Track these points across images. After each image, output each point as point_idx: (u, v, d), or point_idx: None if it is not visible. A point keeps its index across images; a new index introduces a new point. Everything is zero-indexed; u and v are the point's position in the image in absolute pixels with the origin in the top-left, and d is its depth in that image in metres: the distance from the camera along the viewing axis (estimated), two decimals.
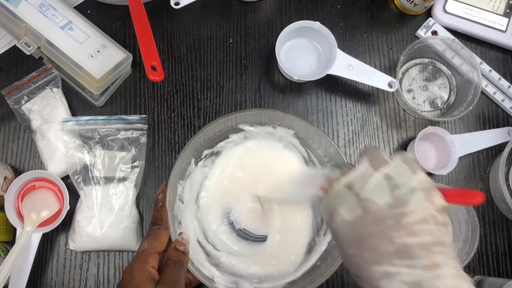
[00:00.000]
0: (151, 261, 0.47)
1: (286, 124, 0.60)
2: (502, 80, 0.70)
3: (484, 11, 0.71)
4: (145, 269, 0.46)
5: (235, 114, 0.58)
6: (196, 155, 0.60)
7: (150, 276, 0.45)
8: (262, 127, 0.61)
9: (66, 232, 0.63)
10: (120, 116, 0.65)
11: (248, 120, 0.60)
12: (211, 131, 0.58)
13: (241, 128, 0.61)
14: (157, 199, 0.54)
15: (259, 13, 0.72)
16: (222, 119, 0.57)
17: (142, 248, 0.49)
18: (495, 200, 0.68)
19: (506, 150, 0.63)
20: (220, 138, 0.61)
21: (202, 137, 0.58)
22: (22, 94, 0.65)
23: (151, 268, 0.46)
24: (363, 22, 0.72)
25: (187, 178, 0.60)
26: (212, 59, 0.70)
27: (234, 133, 0.62)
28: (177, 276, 0.47)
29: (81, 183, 0.62)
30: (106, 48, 0.64)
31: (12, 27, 0.64)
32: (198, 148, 0.59)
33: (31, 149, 0.66)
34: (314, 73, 0.67)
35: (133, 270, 0.46)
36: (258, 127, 0.61)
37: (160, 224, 0.51)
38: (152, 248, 0.48)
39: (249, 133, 0.62)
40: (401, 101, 0.68)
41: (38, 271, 0.63)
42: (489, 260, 0.66)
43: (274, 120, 0.60)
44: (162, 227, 0.51)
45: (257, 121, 0.61)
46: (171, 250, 0.49)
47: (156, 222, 0.52)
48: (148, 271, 0.46)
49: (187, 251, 0.50)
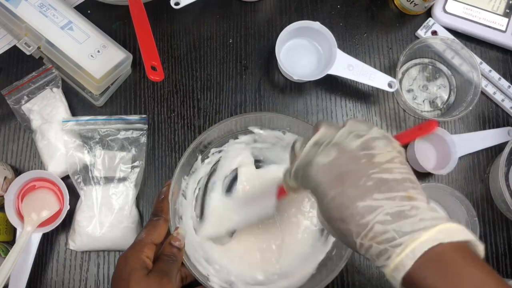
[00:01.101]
0: (147, 251, 0.47)
1: (296, 131, 0.60)
2: (502, 80, 0.70)
3: (484, 11, 0.71)
4: (139, 258, 0.46)
5: (247, 115, 0.58)
6: (203, 153, 0.60)
7: (144, 264, 0.46)
8: (272, 131, 0.61)
9: (66, 232, 0.63)
10: (120, 116, 0.65)
11: (259, 122, 0.60)
12: (221, 129, 0.58)
13: (251, 130, 0.61)
14: (160, 192, 0.54)
15: (259, 13, 0.72)
16: (233, 119, 0.57)
17: (139, 238, 0.49)
18: (495, 200, 0.68)
19: (506, 150, 0.63)
20: (228, 137, 0.61)
21: (212, 134, 0.58)
22: (22, 94, 0.65)
23: (145, 258, 0.47)
24: (363, 22, 0.72)
25: (192, 174, 0.60)
26: (212, 59, 0.70)
27: (243, 134, 0.61)
28: (169, 268, 0.48)
29: (81, 183, 0.62)
30: (106, 48, 0.64)
31: (12, 27, 0.64)
32: (206, 145, 0.59)
33: (31, 149, 0.66)
34: (314, 73, 0.67)
35: (127, 258, 0.46)
36: (268, 130, 0.61)
37: (160, 216, 0.52)
38: (149, 239, 0.49)
39: (258, 136, 0.62)
40: (401, 101, 0.68)
41: (38, 271, 0.63)
42: (489, 260, 0.66)
43: (285, 126, 0.60)
44: (162, 218, 0.51)
45: (268, 124, 0.60)
46: (166, 245, 0.50)
47: (156, 213, 0.52)
48: (143, 259, 0.46)
49: (182, 246, 0.50)
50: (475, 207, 0.65)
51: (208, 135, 0.57)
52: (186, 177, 0.59)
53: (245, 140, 0.62)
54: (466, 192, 0.68)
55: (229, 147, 0.62)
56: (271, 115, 0.60)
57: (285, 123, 0.59)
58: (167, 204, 0.52)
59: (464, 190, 0.68)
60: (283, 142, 0.62)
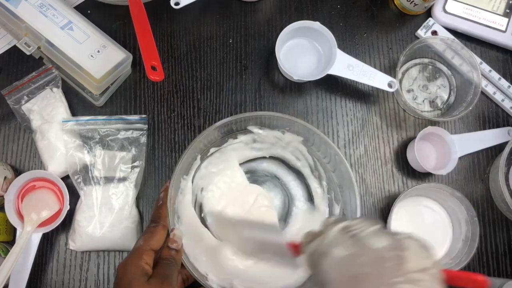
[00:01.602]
0: (146, 258, 0.47)
1: (295, 131, 0.60)
2: (502, 80, 0.70)
3: (484, 11, 0.71)
4: (139, 265, 0.46)
5: (247, 114, 0.58)
6: (202, 152, 0.60)
7: (143, 271, 0.46)
8: (271, 130, 0.61)
9: (66, 232, 0.63)
10: (120, 116, 0.65)
11: (258, 122, 0.60)
12: (220, 129, 0.58)
13: (250, 130, 0.61)
14: (158, 198, 0.54)
15: (259, 13, 0.72)
16: (233, 118, 0.56)
17: (137, 245, 0.49)
18: (495, 200, 0.68)
19: (506, 150, 0.63)
20: (228, 137, 0.61)
21: (212, 134, 0.58)
22: (22, 94, 0.65)
23: (145, 264, 0.46)
24: (363, 22, 0.72)
25: (191, 173, 0.60)
26: (212, 59, 0.70)
27: (242, 134, 0.61)
28: (169, 271, 0.47)
29: (81, 183, 0.62)
30: (106, 48, 0.64)
31: (12, 27, 0.64)
32: (205, 145, 0.59)
33: (31, 149, 0.66)
34: (314, 73, 0.67)
35: (127, 265, 0.46)
36: (267, 130, 0.61)
37: (158, 222, 0.51)
38: (147, 245, 0.48)
39: (257, 136, 0.62)
40: (401, 101, 0.68)
41: (38, 271, 0.63)
42: (489, 260, 0.66)
43: (284, 125, 0.60)
44: (160, 225, 0.51)
45: (267, 124, 0.60)
46: (164, 249, 0.49)
47: (154, 219, 0.52)
48: (142, 266, 0.46)
49: (179, 247, 0.50)
50: (475, 207, 0.65)
51: (207, 134, 0.56)
52: (185, 177, 0.59)
53: (244, 139, 0.62)
54: (466, 192, 0.68)
55: (228, 147, 0.62)
56: (270, 114, 0.60)
57: (284, 123, 0.59)
58: (165, 210, 0.52)
59: (464, 190, 0.68)
60: (282, 142, 0.62)
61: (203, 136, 0.56)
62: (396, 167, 0.68)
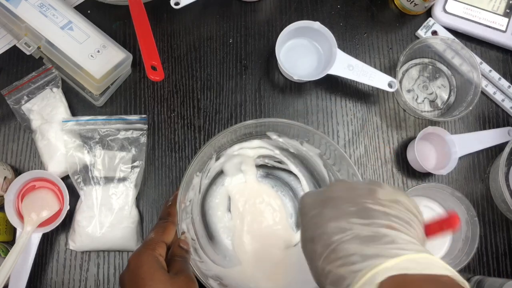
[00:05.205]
0: (159, 249, 0.46)
1: (314, 143, 0.58)
2: (502, 80, 0.70)
3: (484, 11, 0.71)
4: (154, 255, 0.44)
5: (268, 120, 0.57)
6: (218, 151, 0.59)
7: (160, 263, 0.44)
8: (290, 139, 0.59)
9: (66, 232, 0.63)
10: (120, 116, 0.65)
11: (278, 129, 0.58)
12: (239, 131, 0.57)
13: (269, 136, 0.59)
14: (167, 199, 0.54)
15: (259, 13, 0.72)
16: (253, 122, 0.55)
17: (149, 237, 0.48)
18: (495, 200, 0.68)
19: (506, 150, 0.63)
20: (245, 141, 0.60)
21: (229, 135, 0.56)
22: (22, 94, 0.65)
23: (159, 256, 0.45)
24: (363, 22, 0.72)
25: (205, 172, 0.59)
26: (212, 59, 0.70)
27: (258, 139, 0.60)
28: (186, 267, 0.46)
29: (81, 183, 0.62)
30: (106, 48, 0.64)
31: (12, 27, 0.64)
32: (223, 145, 0.58)
33: (31, 149, 0.66)
34: (314, 73, 0.67)
35: (141, 256, 0.44)
36: (285, 138, 0.59)
37: (167, 219, 0.51)
38: (159, 238, 0.48)
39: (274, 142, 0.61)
40: (401, 101, 0.68)
41: (38, 271, 0.63)
42: (489, 260, 0.66)
43: (304, 136, 0.58)
44: (169, 221, 0.51)
45: (287, 132, 0.58)
46: (175, 247, 0.49)
47: (164, 217, 0.52)
48: (157, 258, 0.44)
49: (189, 249, 0.50)
50: (475, 207, 0.65)
51: (224, 135, 0.55)
52: (199, 173, 0.57)
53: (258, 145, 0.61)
54: (466, 192, 0.68)
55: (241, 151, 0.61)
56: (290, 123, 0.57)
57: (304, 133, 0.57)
58: (174, 210, 0.51)
59: (464, 190, 0.68)
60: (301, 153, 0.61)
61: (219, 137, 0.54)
62: (396, 167, 0.68)
